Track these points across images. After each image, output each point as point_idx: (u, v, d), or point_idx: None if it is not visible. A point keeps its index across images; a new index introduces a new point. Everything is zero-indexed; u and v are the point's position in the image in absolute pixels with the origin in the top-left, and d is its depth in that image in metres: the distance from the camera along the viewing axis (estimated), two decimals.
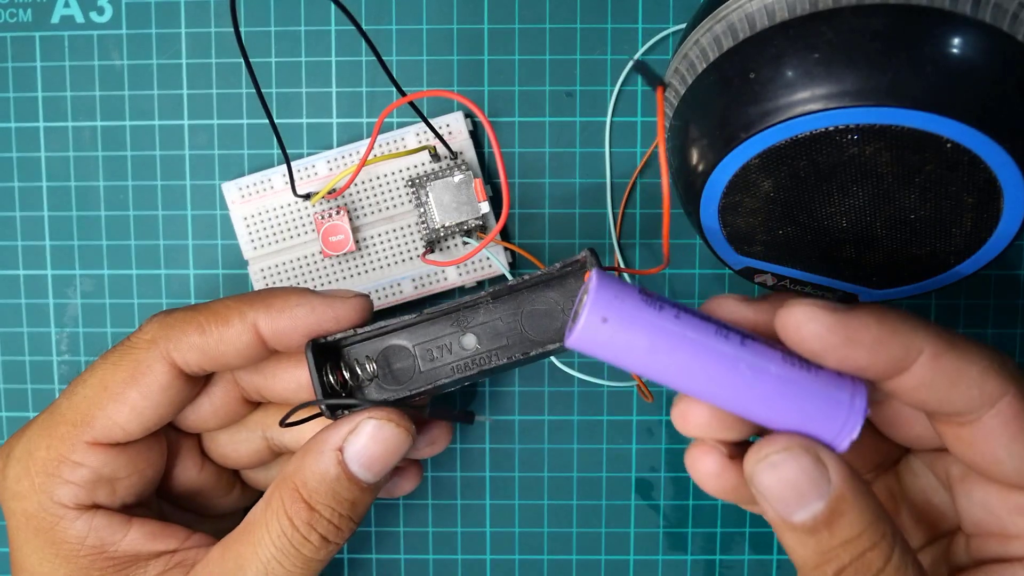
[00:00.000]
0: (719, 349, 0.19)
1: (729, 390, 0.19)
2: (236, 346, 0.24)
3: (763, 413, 0.20)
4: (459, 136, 0.30)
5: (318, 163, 0.30)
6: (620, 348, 0.19)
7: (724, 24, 0.22)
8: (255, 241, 0.30)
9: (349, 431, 0.23)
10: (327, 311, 0.23)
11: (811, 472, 0.19)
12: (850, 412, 0.20)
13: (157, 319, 0.24)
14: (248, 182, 0.30)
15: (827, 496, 0.19)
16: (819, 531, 0.19)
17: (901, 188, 0.22)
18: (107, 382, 0.24)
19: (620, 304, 0.19)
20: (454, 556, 0.32)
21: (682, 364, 0.19)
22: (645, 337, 0.19)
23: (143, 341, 0.24)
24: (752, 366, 0.19)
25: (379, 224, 0.30)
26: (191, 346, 0.23)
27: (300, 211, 0.30)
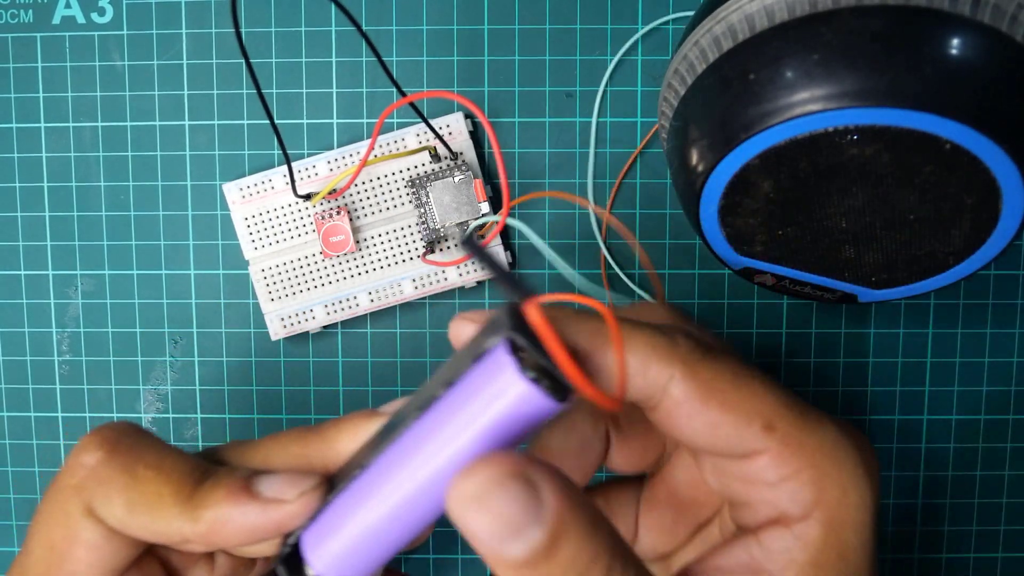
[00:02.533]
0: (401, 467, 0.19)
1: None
2: (161, 540, 0.22)
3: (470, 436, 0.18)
4: (459, 136, 0.30)
5: (319, 164, 0.30)
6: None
7: (724, 25, 0.22)
8: (256, 241, 0.30)
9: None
10: (265, 523, 0.21)
11: (523, 500, 0.17)
12: (497, 361, 0.18)
13: (90, 459, 0.22)
14: (249, 183, 0.30)
15: (544, 522, 0.17)
16: (538, 563, 0.17)
17: (900, 189, 0.22)
18: (51, 540, 0.22)
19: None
20: (454, 556, 0.32)
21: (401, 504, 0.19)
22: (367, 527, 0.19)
23: (68, 488, 0.22)
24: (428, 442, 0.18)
25: (379, 224, 0.30)
26: (113, 517, 0.21)
27: (300, 211, 0.30)
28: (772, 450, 0.21)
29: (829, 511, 0.21)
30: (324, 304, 0.30)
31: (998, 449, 0.31)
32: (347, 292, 0.30)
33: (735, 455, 0.21)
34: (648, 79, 0.30)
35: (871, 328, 0.31)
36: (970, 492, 0.31)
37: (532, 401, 0.17)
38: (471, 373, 0.18)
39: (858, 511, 0.21)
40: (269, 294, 0.30)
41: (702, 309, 0.31)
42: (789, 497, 0.21)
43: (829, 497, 0.21)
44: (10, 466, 0.32)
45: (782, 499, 0.21)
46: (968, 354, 0.31)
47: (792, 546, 0.21)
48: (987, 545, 0.31)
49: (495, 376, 0.17)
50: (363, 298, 0.30)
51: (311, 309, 0.30)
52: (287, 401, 0.31)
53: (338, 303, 0.30)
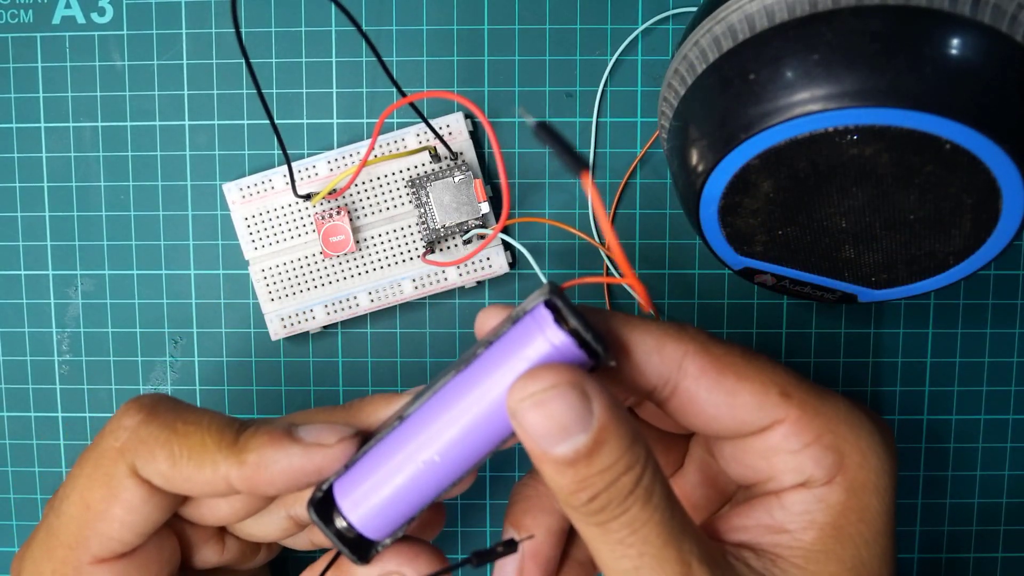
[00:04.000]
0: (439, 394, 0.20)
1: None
2: (205, 491, 0.22)
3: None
4: (459, 137, 0.30)
5: (319, 164, 0.30)
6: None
7: (724, 25, 0.22)
8: (256, 241, 0.30)
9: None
10: (307, 465, 0.22)
11: (577, 407, 0.19)
12: (537, 317, 0.19)
13: (131, 420, 0.23)
14: (249, 183, 0.30)
15: (591, 429, 0.19)
16: (579, 463, 0.19)
17: (900, 189, 0.22)
18: (88, 500, 0.23)
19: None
20: (454, 556, 0.32)
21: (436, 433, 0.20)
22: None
23: (112, 450, 0.23)
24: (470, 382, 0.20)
25: (379, 224, 0.30)
26: (157, 472, 0.22)
27: (301, 211, 0.30)
28: (791, 417, 0.21)
29: (851, 476, 0.21)
30: (324, 304, 0.30)
31: (998, 449, 0.31)
32: (347, 292, 0.30)
33: (754, 428, 0.22)
34: (648, 79, 0.30)
35: (871, 328, 0.31)
36: (970, 492, 0.31)
37: (568, 353, 0.19)
38: (511, 332, 0.20)
39: (879, 475, 0.22)
40: (269, 294, 0.30)
41: (702, 309, 0.31)
42: (813, 462, 0.21)
43: (850, 462, 0.21)
44: (10, 466, 0.32)
45: (806, 465, 0.21)
46: (968, 354, 0.31)
47: (814, 508, 0.21)
48: (987, 545, 0.31)
49: (535, 330, 0.19)
50: (363, 298, 0.30)
51: (311, 309, 0.30)
52: (287, 401, 0.31)
53: (338, 303, 0.30)
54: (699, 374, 0.21)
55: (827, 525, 0.21)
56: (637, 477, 0.19)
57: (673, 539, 0.20)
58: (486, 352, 0.20)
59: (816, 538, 0.21)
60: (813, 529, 0.21)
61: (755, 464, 0.22)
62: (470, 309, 0.31)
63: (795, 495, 0.22)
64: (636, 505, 0.19)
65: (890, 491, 0.22)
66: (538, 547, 0.24)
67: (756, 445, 0.22)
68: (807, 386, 0.22)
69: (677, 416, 0.22)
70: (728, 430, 0.22)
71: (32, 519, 0.32)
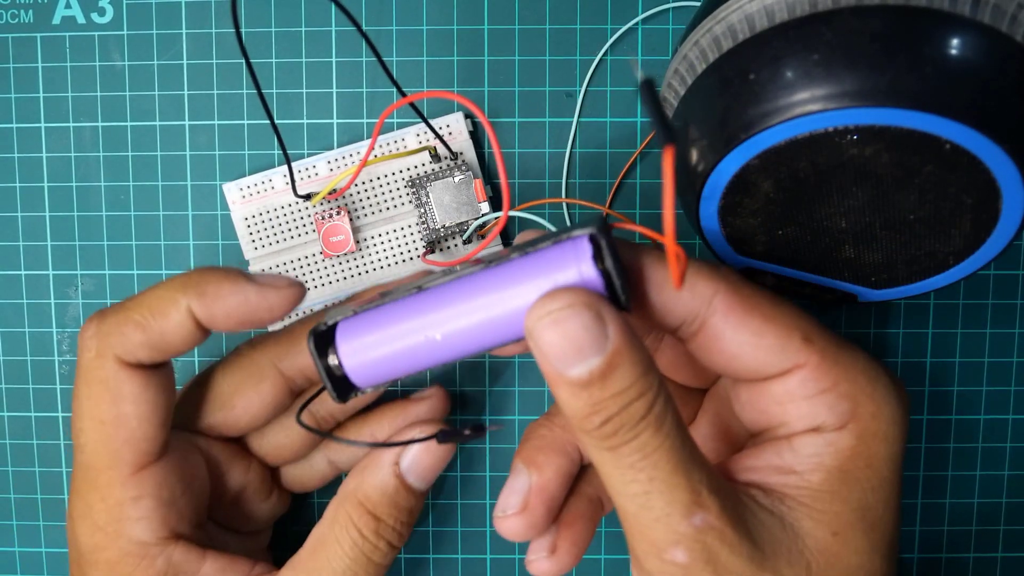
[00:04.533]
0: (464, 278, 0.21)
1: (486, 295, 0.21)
2: (180, 335, 0.23)
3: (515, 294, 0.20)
4: (459, 137, 0.30)
5: (319, 164, 0.30)
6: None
7: (724, 25, 0.22)
8: (256, 241, 0.30)
9: (401, 447, 0.25)
10: (261, 300, 0.23)
11: (592, 328, 0.19)
12: (577, 245, 0.20)
13: (91, 329, 0.24)
14: (249, 183, 0.30)
15: (605, 351, 0.19)
16: (592, 385, 0.19)
17: (900, 189, 0.22)
18: (99, 416, 0.24)
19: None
20: (454, 556, 0.32)
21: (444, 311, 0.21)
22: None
23: (92, 360, 0.24)
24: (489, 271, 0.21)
25: (379, 224, 0.30)
26: (138, 345, 0.23)
27: (301, 211, 0.30)
28: (812, 362, 0.22)
29: (863, 424, 0.22)
30: (324, 304, 0.30)
31: (998, 449, 0.31)
32: (347, 292, 0.30)
33: (775, 371, 0.22)
34: None
35: (871, 328, 0.31)
36: (970, 492, 0.31)
37: (593, 287, 0.20)
38: (548, 250, 0.20)
39: (890, 425, 0.22)
40: None
41: None
42: (827, 409, 0.22)
43: (864, 411, 0.22)
44: (10, 466, 0.32)
45: (820, 411, 0.22)
46: (968, 354, 0.31)
47: (823, 451, 0.22)
48: (987, 545, 0.31)
49: (570, 258, 0.20)
50: None
51: (311, 309, 0.30)
52: None
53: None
54: (727, 312, 0.22)
55: (835, 468, 0.22)
56: (649, 403, 0.20)
57: (683, 466, 0.20)
58: (519, 260, 0.21)
59: (823, 479, 0.22)
60: (821, 471, 0.22)
61: (769, 409, 0.23)
62: None
63: (806, 438, 0.22)
64: (648, 431, 0.20)
65: (899, 442, 0.22)
66: (545, 483, 0.25)
67: (773, 389, 0.23)
68: (829, 335, 0.23)
69: (700, 354, 0.23)
70: (748, 370, 0.22)
71: (32, 519, 0.32)
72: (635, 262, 0.22)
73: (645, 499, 0.20)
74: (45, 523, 0.32)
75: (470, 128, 0.30)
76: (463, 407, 0.31)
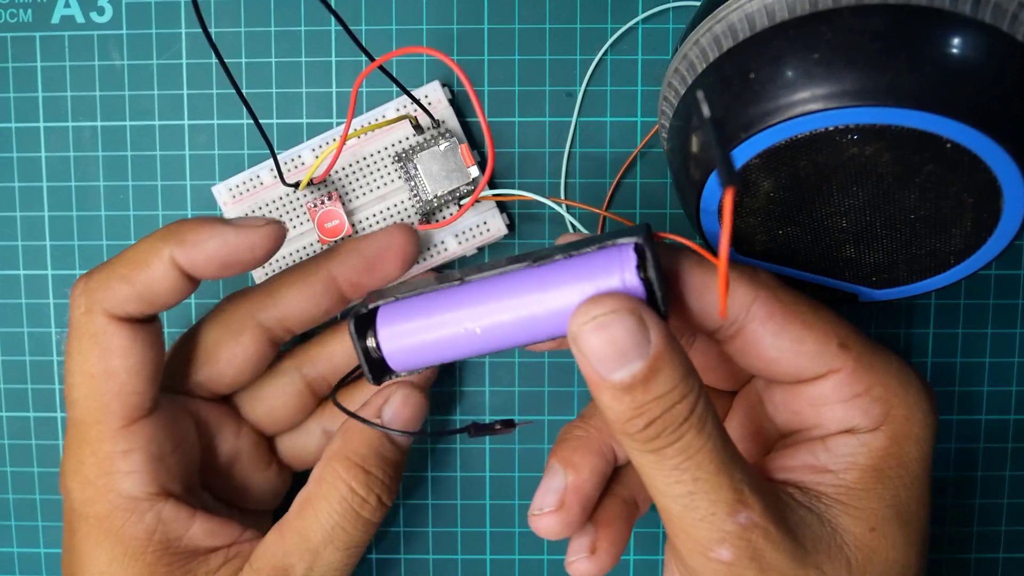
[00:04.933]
0: (505, 275, 0.22)
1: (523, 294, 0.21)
2: (165, 284, 0.24)
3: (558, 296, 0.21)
4: (439, 105, 0.30)
5: (303, 152, 0.30)
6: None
7: (724, 24, 0.22)
8: None
9: (383, 402, 0.26)
10: (242, 241, 0.24)
11: (635, 332, 0.20)
12: (622, 253, 0.21)
13: (79, 287, 0.24)
14: (237, 181, 0.30)
15: (647, 356, 0.20)
16: (635, 388, 0.20)
17: (901, 188, 0.22)
18: (88, 370, 0.24)
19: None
20: (454, 556, 0.32)
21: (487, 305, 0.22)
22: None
23: (82, 316, 0.24)
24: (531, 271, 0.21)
25: (372, 204, 0.30)
26: (125, 298, 0.24)
27: (293, 203, 0.30)
28: (848, 367, 0.23)
29: (895, 425, 0.23)
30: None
31: (998, 449, 0.31)
32: None
33: (812, 374, 0.23)
34: (648, 78, 0.30)
35: (871, 328, 0.31)
36: (971, 493, 0.31)
37: (634, 294, 0.21)
38: (593, 256, 0.21)
39: (921, 428, 0.23)
40: None
41: None
42: (861, 412, 0.23)
43: (896, 413, 0.23)
44: (9, 466, 0.32)
45: (854, 414, 0.23)
46: (969, 354, 0.31)
47: (857, 451, 0.23)
48: (987, 546, 0.31)
49: (615, 265, 0.21)
50: None
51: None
52: None
53: None
54: (767, 318, 0.22)
55: (868, 467, 0.23)
56: (692, 405, 0.20)
57: (725, 466, 0.21)
58: (563, 261, 0.21)
59: (858, 478, 0.22)
60: (855, 470, 0.23)
61: (803, 411, 0.24)
62: None
63: (840, 439, 0.23)
64: (691, 432, 0.20)
65: (929, 443, 0.23)
66: (581, 483, 0.25)
67: (808, 392, 0.23)
68: (864, 340, 0.23)
69: (737, 356, 0.24)
70: (785, 374, 0.23)
71: (31, 519, 0.32)
72: (674, 266, 0.22)
73: (689, 499, 0.21)
74: (44, 524, 0.32)
75: (448, 96, 0.30)
76: (492, 408, 0.31)
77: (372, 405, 0.26)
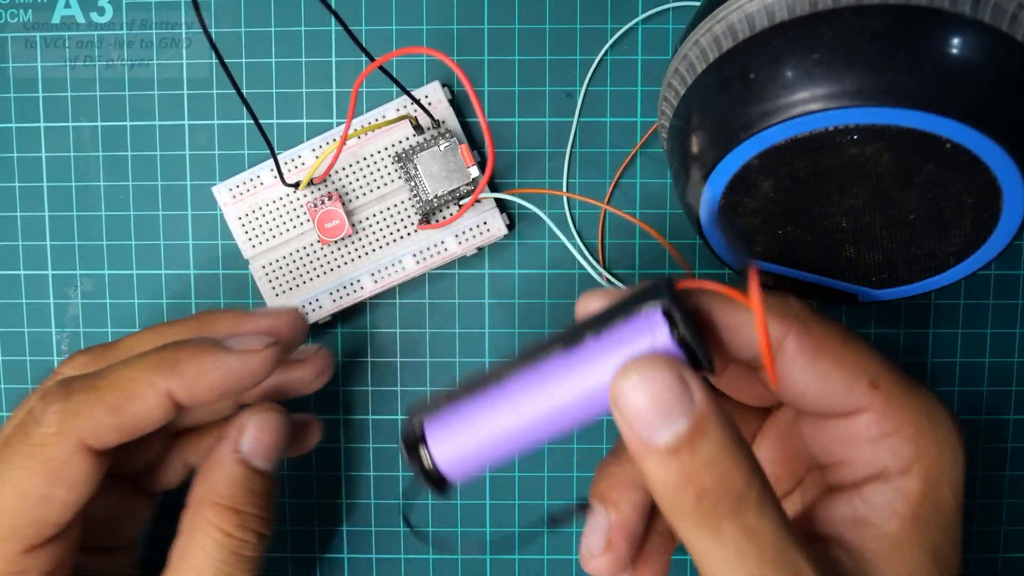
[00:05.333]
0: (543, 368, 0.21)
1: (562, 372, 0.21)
2: (154, 417, 0.23)
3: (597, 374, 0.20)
4: (439, 105, 0.30)
5: (303, 152, 0.30)
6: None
7: (724, 25, 0.22)
8: (252, 240, 0.30)
9: (237, 435, 0.25)
10: (244, 368, 0.23)
11: (676, 389, 0.19)
12: (651, 321, 0.20)
13: (56, 407, 0.23)
14: (237, 181, 0.30)
15: (691, 414, 0.19)
16: (682, 451, 0.19)
17: (901, 188, 0.22)
18: (24, 488, 0.22)
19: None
20: (454, 556, 0.32)
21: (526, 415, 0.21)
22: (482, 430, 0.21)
23: (50, 436, 0.22)
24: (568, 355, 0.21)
25: (372, 205, 0.30)
26: (106, 428, 0.22)
27: (293, 203, 0.30)
28: (877, 407, 0.22)
29: (927, 467, 0.22)
30: (329, 292, 0.30)
31: (998, 449, 0.31)
32: (349, 276, 0.30)
33: (841, 411, 0.22)
34: (648, 78, 0.30)
35: (871, 328, 0.31)
36: (970, 492, 0.31)
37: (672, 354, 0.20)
38: (622, 329, 0.20)
39: (953, 468, 0.22)
40: (273, 290, 0.30)
41: None
42: (891, 453, 0.22)
43: (927, 454, 0.22)
44: None
45: (883, 455, 0.22)
46: (968, 354, 0.31)
47: (893, 499, 0.22)
48: (987, 546, 0.31)
49: (646, 334, 0.20)
50: (366, 280, 0.30)
51: (316, 299, 0.30)
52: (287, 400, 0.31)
53: (342, 289, 0.30)
54: (797, 353, 0.22)
55: (907, 514, 0.22)
56: (747, 477, 0.19)
57: (790, 547, 0.19)
58: (594, 342, 0.20)
59: (899, 527, 0.22)
60: (895, 519, 0.22)
61: (830, 446, 0.23)
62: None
63: (874, 488, 0.22)
64: (751, 508, 0.19)
65: (960, 482, 0.22)
66: (624, 519, 0.25)
67: (836, 429, 0.23)
68: (896, 376, 0.22)
69: (765, 383, 0.23)
70: (813, 408, 0.23)
71: None
72: (703, 307, 0.21)
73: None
74: None
75: (449, 96, 0.30)
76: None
77: (228, 439, 0.25)
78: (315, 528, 0.32)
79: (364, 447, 0.31)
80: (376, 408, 0.31)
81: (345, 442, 0.31)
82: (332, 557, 0.32)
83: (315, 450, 0.31)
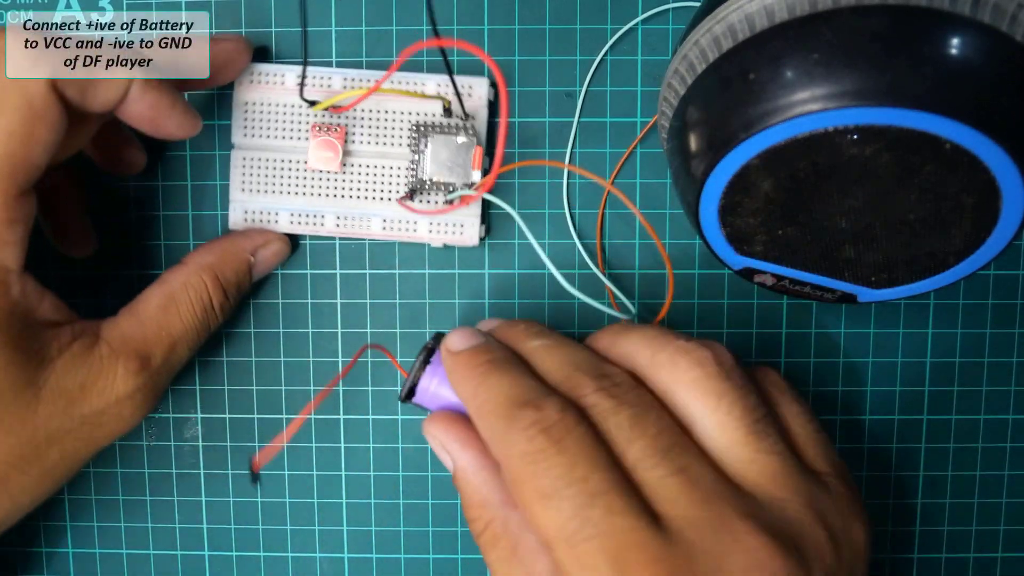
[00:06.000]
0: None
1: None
2: (114, 93, 0.25)
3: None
4: (478, 101, 0.29)
5: (334, 76, 0.30)
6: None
7: (723, 25, 0.22)
8: (247, 128, 0.30)
9: (262, 242, 0.30)
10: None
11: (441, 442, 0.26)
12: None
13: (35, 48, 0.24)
14: (263, 70, 0.30)
15: (451, 466, 0.26)
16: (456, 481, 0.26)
17: (900, 188, 0.22)
18: (9, 128, 0.23)
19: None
20: (454, 556, 0.32)
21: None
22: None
23: (28, 70, 0.23)
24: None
25: (371, 155, 0.30)
26: (76, 84, 0.24)
27: (300, 116, 0.30)
28: None
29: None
30: (290, 212, 0.30)
31: (998, 449, 0.31)
32: (317, 208, 0.30)
33: None
34: (648, 79, 0.30)
35: (871, 328, 0.31)
36: (970, 492, 0.31)
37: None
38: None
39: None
40: (242, 183, 0.30)
41: (702, 309, 0.31)
42: None
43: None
44: None
45: None
46: (968, 354, 0.31)
47: None
48: (987, 545, 0.31)
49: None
50: (329, 220, 0.30)
51: (276, 212, 0.30)
52: (288, 400, 0.31)
53: (304, 216, 0.30)
54: None
55: None
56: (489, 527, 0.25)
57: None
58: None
59: None
60: None
61: None
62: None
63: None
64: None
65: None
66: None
67: None
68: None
69: None
70: None
71: (30, 518, 0.32)
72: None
73: None
74: (44, 523, 0.32)
75: (491, 97, 0.30)
76: None
77: (251, 240, 0.29)
78: (315, 528, 0.32)
79: (364, 447, 0.31)
80: (376, 408, 0.31)
81: (345, 442, 0.31)
82: (332, 557, 0.32)
83: (315, 450, 0.31)
